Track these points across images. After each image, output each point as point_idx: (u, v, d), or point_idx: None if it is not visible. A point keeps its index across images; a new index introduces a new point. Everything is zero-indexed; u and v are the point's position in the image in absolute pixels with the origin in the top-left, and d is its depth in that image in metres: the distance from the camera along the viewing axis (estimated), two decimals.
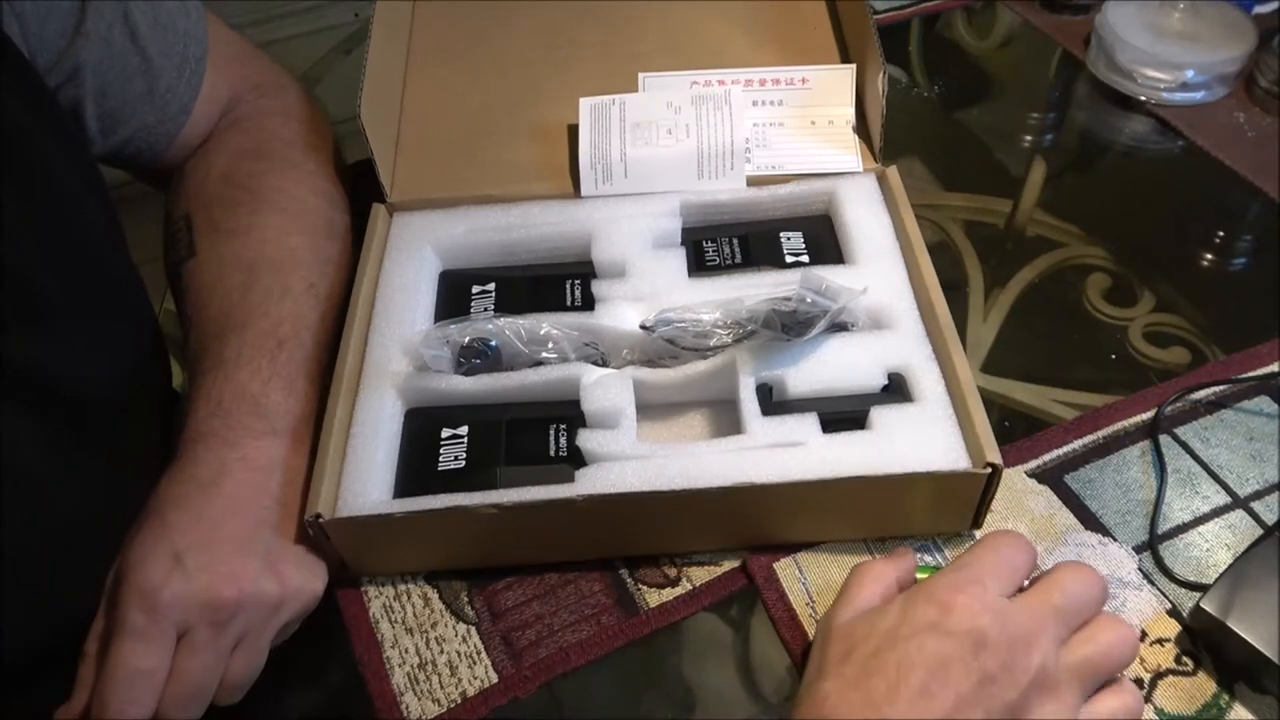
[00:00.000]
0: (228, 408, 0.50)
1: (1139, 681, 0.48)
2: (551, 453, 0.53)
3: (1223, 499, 0.55)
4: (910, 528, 0.53)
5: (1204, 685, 0.48)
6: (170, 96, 0.59)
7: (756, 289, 0.57)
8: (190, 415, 0.50)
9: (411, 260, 0.61)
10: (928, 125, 0.81)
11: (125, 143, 0.59)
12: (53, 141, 0.51)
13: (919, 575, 0.50)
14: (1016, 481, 0.56)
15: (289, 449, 0.51)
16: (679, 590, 0.52)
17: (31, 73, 0.51)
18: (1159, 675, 0.48)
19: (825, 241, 0.63)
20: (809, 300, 0.52)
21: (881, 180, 0.64)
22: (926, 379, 0.53)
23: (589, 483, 0.50)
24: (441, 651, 0.51)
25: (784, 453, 0.50)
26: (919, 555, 0.51)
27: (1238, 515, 0.54)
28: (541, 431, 0.54)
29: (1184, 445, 0.57)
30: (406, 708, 0.49)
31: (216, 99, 0.63)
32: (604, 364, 0.57)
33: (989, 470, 0.48)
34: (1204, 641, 0.49)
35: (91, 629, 0.45)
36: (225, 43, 0.64)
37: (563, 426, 0.54)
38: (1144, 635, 0.49)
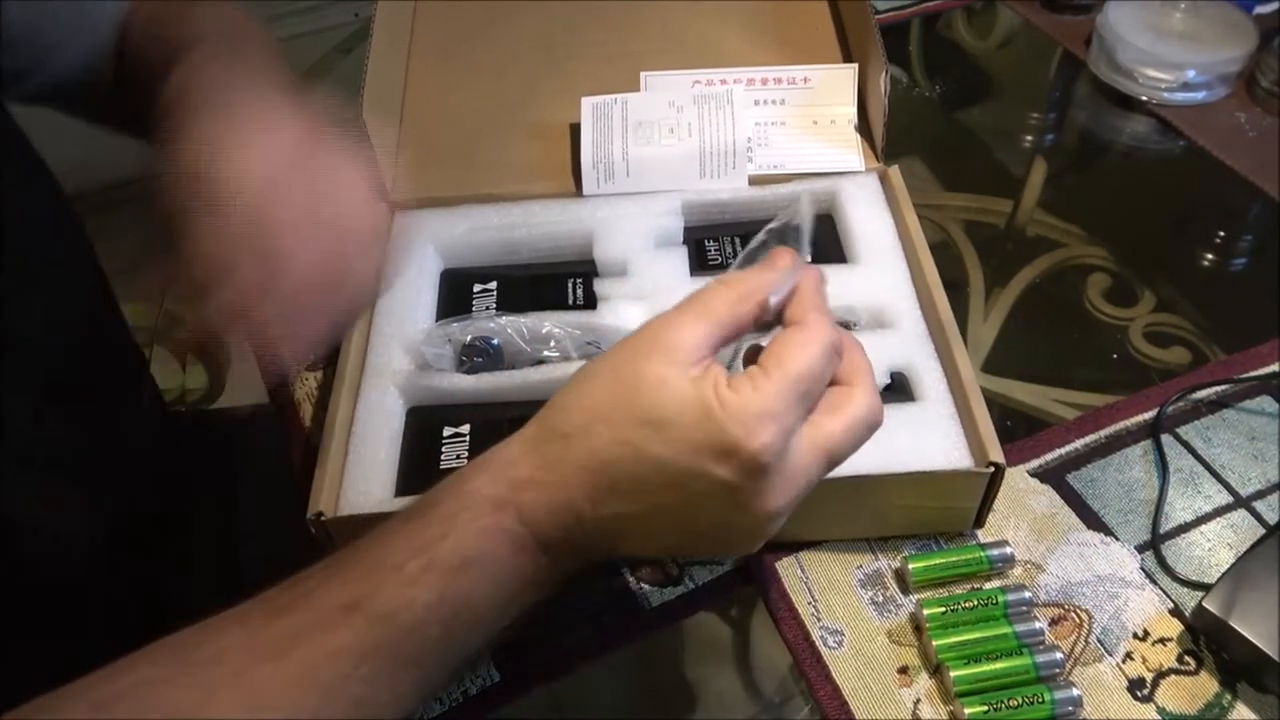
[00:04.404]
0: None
1: (1141, 681, 0.48)
2: None
3: (1225, 498, 0.55)
4: (912, 527, 0.53)
5: (1206, 684, 0.48)
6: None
7: None
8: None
9: (413, 259, 0.61)
10: (928, 125, 0.81)
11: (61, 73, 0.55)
12: None
13: (912, 566, 0.50)
14: (1019, 481, 0.56)
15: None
16: (681, 589, 0.52)
17: None
18: (1161, 675, 0.48)
19: (827, 241, 0.63)
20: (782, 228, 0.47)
21: (883, 180, 0.64)
22: (929, 378, 0.53)
23: None
24: None
25: None
26: (923, 547, 0.51)
27: (1240, 515, 0.54)
28: None
29: (1186, 445, 0.57)
30: None
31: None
32: None
33: (991, 469, 0.48)
34: (1206, 641, 0.49)
35: None
36: None
37: None
38: (1146, 635, 0.49)
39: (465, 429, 0.54)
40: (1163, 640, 0.49)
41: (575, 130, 0.65)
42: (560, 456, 0.36)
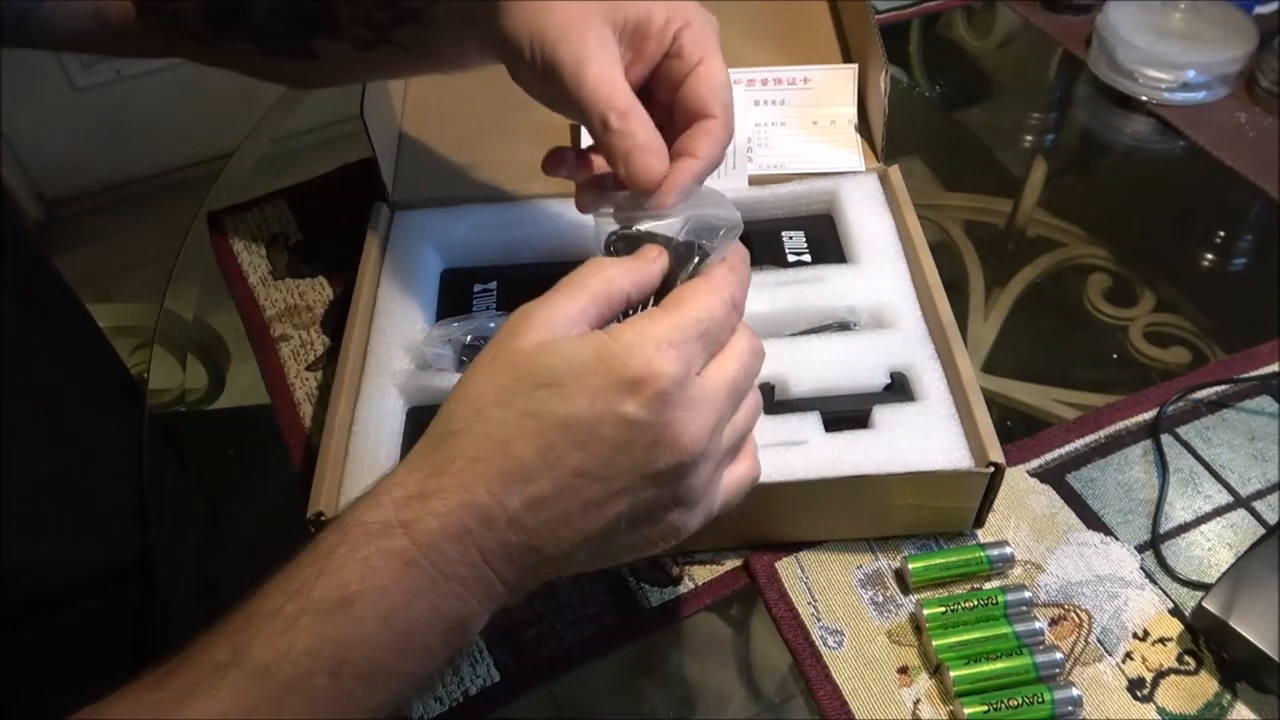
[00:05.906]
0: None
1: (1141, 680, 0.48)
2: None
3: (1224, 498, 0.55)
4: (912, 527, 0.53)
5: (1206, 684, 0.48)
6: None
7: (759, 287, 0.57)
8: None
9: (413, 258, 0.61)
10: (928, 125, 0.81)
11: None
12: None
13: (912, 566, 0.51)
14: (1018, 481, 0.56)
15: None
16: (681, 589, 0.52)
17: None
18: (1161, 674, 0.48)
19: (827, 241, 0.63)
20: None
21: (883, 180, 0.64)
22: (929, 378, 0.53)
23: None
24: None
25: (786, 451, 0.50)
26: (922, 547, 0.51)
27: (1239, 514, 0.54)
28: None
29: (1186, 445, 0.57)
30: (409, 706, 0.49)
31: None
32: None
33: (991, 469, 0.48)
34: (1206, 641, 0.49)
35: None
36: None
37: None
38: (1146, 635, 0.50)
39: None
40: (1162, 640, 0.49)
41: (575, 130, 0.65)
42: (451, 456, 0.33)
